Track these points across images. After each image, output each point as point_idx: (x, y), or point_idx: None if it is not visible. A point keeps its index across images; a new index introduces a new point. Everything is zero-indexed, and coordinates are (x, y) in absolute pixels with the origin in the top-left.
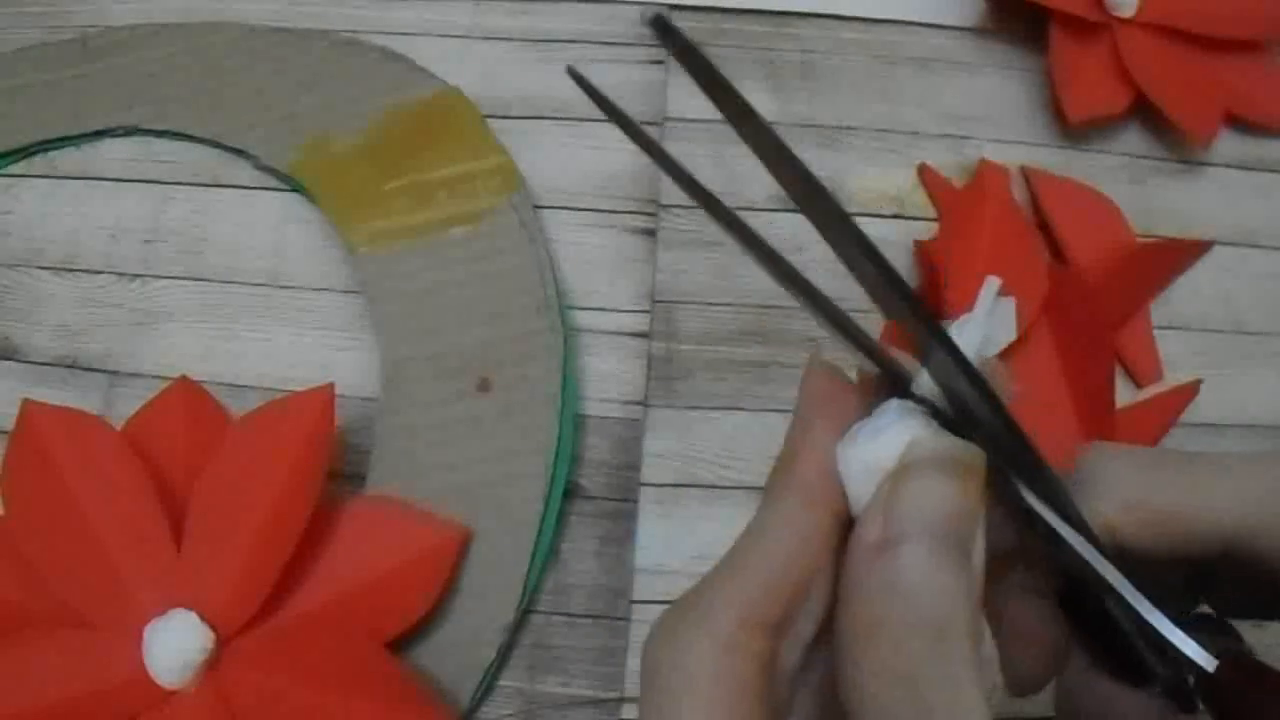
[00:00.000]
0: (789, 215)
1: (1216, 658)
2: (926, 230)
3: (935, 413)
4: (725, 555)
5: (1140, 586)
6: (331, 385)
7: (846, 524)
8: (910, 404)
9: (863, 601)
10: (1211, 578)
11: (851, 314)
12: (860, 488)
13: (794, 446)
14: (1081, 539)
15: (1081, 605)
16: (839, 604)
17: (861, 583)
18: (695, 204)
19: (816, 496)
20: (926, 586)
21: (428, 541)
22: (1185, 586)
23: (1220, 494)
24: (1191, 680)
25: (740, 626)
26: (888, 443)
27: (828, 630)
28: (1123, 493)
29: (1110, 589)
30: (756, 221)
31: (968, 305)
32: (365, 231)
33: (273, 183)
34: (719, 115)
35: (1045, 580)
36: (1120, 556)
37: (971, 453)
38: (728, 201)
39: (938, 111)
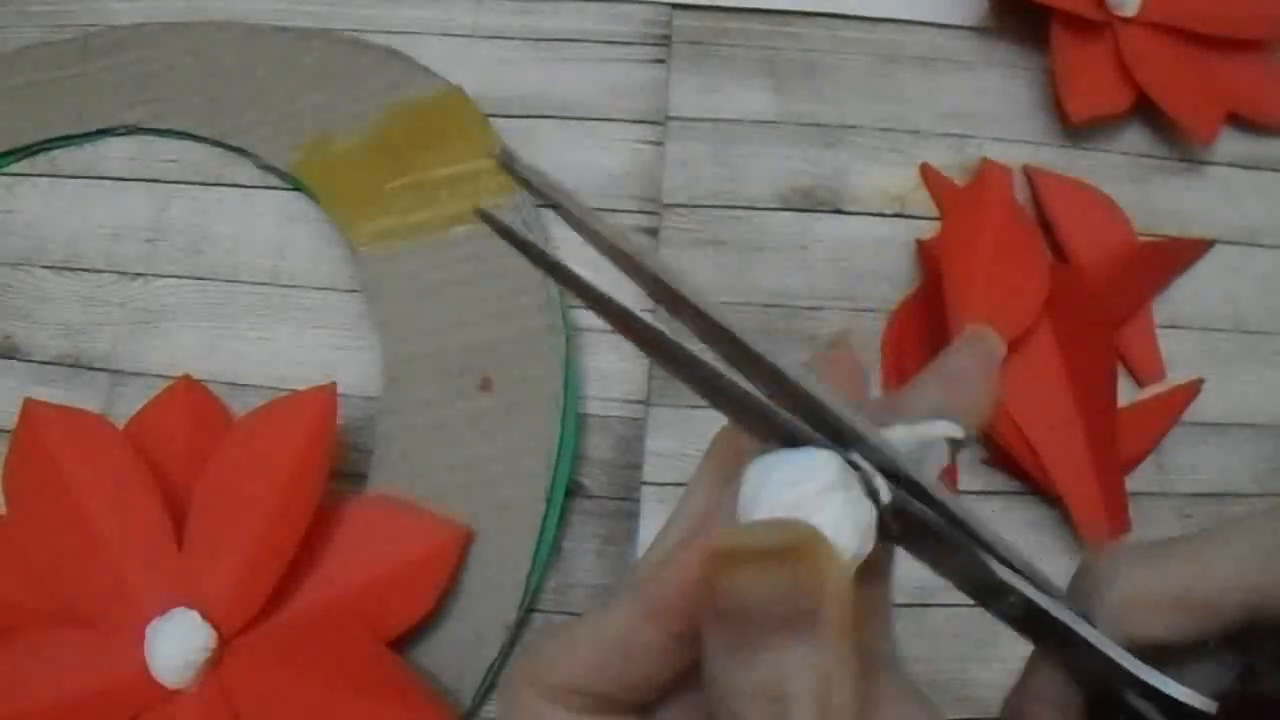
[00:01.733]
0: (790, 214)
1: (1218, 699)
2: (928, 229)
3: (866, 484)
4: (578, 616)
5: (1131, 649)
6: (333, 384)
7: (688, 634)
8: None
9: (706, 658)
10: (1253, 664)
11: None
12: (751, 497)
13: (668, 555)
14: (1054, 601)
15: (1111, 713)
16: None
17: (706, 639)
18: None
19: (660, 618)
20: (753, 661)
21: (429, 541)
22: (1236, 682)
23: (1225, 564)
24: None
25: (563, 689)
26: (803, 463)
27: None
28: (1128, 587)
29: (1105, 658)
30: (759, 220)
31: (966, 307)
32: (367, 230)
33: (274, 182)
34: (720, 114)
35: (1068, 694)
36: (1139, 652)
37: (794, 533)
38: (732, 199)
39: (939, 110)
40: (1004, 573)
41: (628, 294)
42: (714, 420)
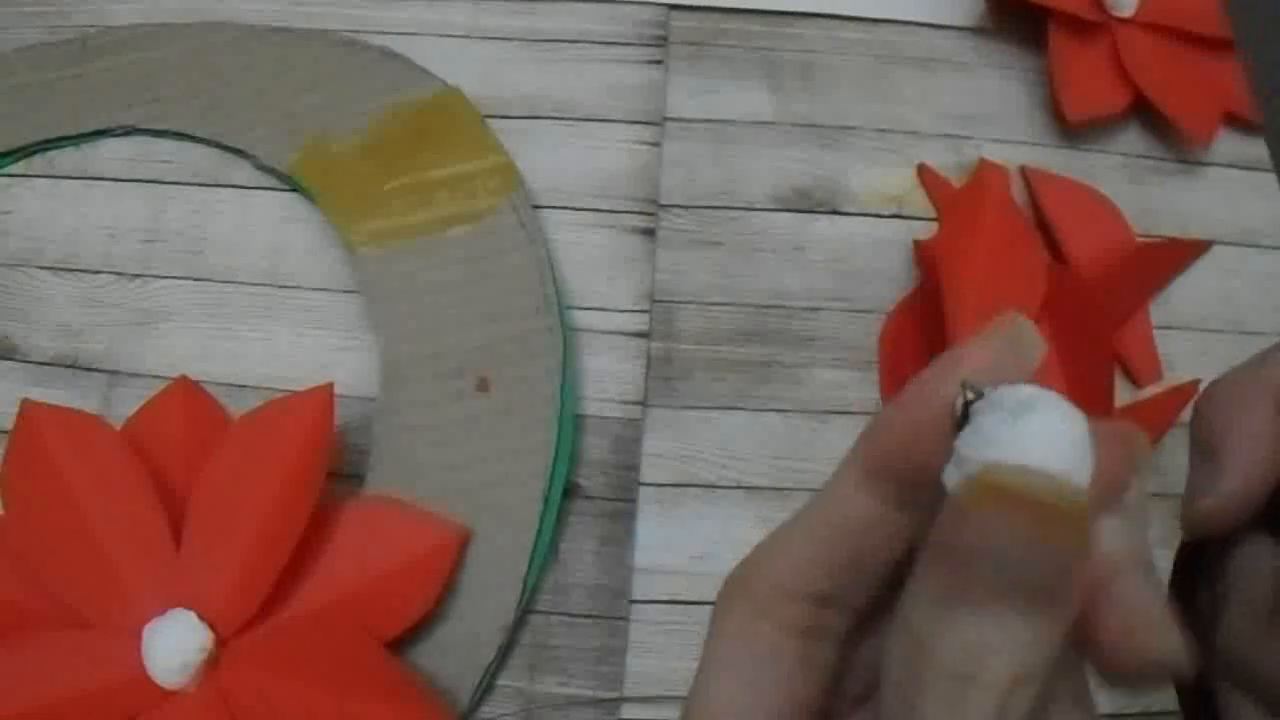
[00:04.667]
0: (787, 214)
1: None
2: (926, 230)
3: None
4: (794, 514)
5: None
6: (331, 385)
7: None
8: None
9: (908, 596)
10: None
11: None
12: (994, 427)
13: (897, 408)
14: None
15: None
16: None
17: (916, 575)
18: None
19: (883, 480)
20: (965, 640)
21: (427, 541)
22: None
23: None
24: None
25: (776, 595)
26: (1040, 406)
27: (886, 603)
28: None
29: None
30: (756, 221)
31: (963, 307)
32: (365, 231)
33: (272, 183)
34: (717, 115)
35: None
36: None
37: (1075, 496)
38: (729, 200)
39: (937, 111)
40: None
41: (626, 297)
42: (711, 421)
